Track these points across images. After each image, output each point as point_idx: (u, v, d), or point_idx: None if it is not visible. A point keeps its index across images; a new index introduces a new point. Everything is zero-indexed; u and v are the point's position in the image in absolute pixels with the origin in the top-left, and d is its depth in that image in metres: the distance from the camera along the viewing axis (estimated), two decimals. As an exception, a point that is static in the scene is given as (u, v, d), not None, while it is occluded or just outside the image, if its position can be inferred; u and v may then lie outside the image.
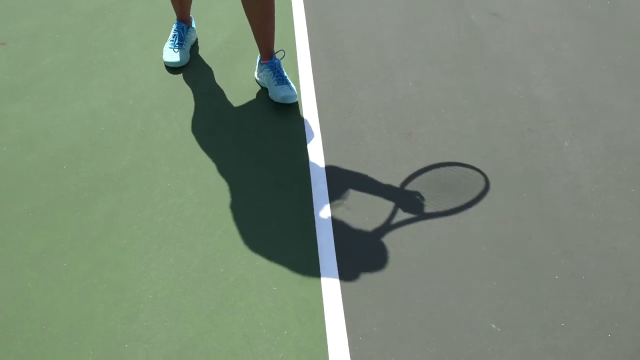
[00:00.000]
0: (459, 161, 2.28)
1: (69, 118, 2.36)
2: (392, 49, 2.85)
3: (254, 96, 2.53)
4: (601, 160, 2.30)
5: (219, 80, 2.60)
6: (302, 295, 1.81)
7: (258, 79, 2.57)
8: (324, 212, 2.05)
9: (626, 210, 2.11)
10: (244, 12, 2.34)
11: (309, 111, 2.46)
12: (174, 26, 2.67)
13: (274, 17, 2.36)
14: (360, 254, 1.93)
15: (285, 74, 2.47)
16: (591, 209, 2.12)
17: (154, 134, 2.32)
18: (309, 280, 1.85)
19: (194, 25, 2.76)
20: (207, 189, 2.11)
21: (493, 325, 1.75)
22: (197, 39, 2.80)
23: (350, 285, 1.84)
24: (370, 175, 2.20)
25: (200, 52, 2.76)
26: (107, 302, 1.77)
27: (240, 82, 2.59)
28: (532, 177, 2.23)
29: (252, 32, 2.42)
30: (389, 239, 1.98)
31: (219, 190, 2.11)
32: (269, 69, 2.45)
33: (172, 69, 2.62)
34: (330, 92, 2.56)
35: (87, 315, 1.73)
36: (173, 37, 2.65)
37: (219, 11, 2.99)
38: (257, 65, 2.56)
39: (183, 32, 2.65)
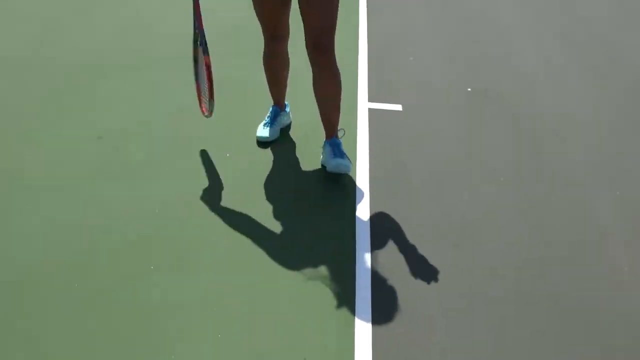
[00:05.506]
0: (505, 273, 2.28)
1: (146, 206, 2.59)
2: (450, 160, 2.96)
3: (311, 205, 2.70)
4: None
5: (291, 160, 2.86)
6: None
7: (321, 156, 2.89)
8: (364, 304, 2.11)
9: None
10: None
11: (362, 212, 2.58)
12: (270, 109, 3.10)
13: (339, 106, 2.75)
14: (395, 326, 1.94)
15: (344, 151, 2.78)
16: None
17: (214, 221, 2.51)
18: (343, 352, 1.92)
19: (287, 110, 3.17)
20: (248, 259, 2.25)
21: None
22: (290, 123, 3.22)
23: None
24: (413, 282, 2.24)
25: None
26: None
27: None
28: (580, 294, 2.18)
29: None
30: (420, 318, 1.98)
31: (260, 263, 2.27)
32: (329, 145, 2.77)
33: (261, 143, 3.05)
34: (384, 200, 2.67)
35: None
36: (267, 117, 3.09)
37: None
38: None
39: (276, 114, 3.09)
